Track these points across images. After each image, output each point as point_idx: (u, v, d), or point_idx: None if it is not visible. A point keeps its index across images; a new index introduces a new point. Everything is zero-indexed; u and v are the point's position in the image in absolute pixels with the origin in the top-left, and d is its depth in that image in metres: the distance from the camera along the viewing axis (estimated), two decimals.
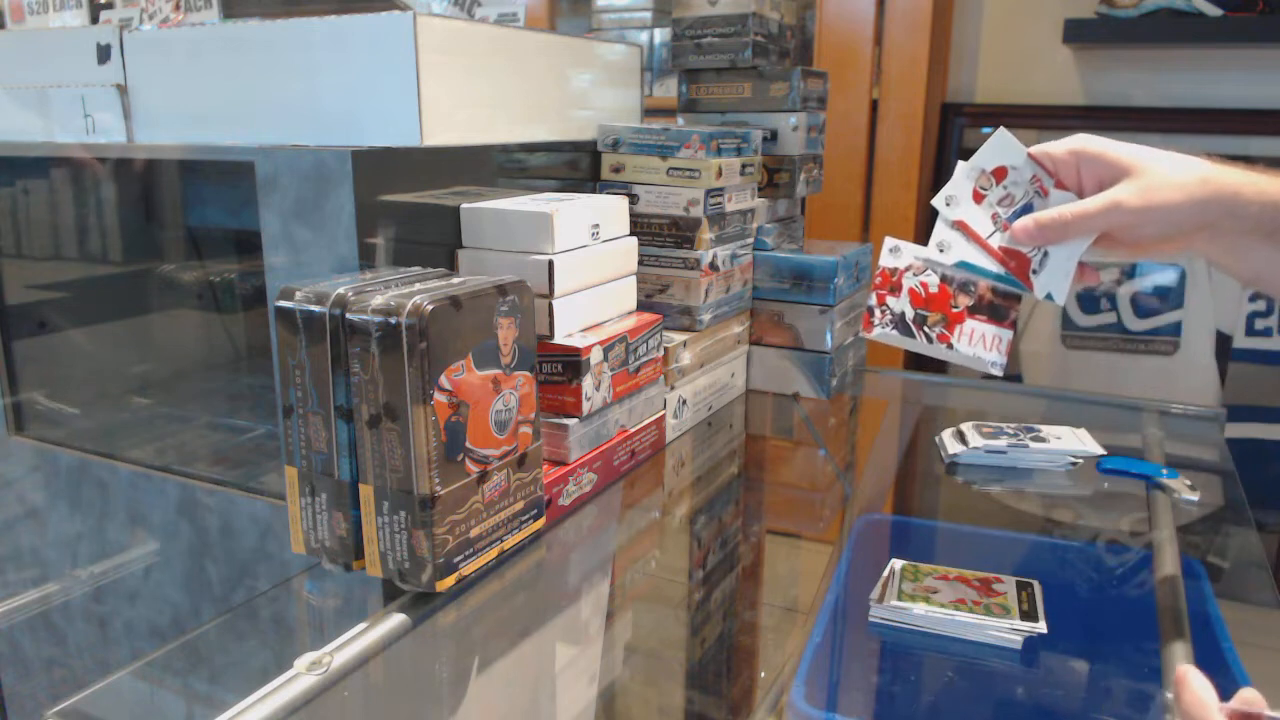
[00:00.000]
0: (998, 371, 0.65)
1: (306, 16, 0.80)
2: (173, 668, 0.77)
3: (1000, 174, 0.66)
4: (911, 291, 0.66)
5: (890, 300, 0.66)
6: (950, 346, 0.64)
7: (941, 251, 0.66)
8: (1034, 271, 0.65)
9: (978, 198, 0.66)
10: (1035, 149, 0.67)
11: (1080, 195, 0.65)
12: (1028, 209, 0.65)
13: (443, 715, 0.61)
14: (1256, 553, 0.80)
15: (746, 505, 0.96)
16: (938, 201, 0.67)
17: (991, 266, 0.66)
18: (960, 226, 0.66)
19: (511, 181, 0.91)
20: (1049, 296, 0.65)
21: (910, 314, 0.66)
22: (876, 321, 0.66)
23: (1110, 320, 1.71)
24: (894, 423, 1.19)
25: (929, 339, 0.65)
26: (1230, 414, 1.11)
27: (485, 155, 0.87)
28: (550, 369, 0.78)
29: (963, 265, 0.65)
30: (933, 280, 0.66)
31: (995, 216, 0.66)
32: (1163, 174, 0.62)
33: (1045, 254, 0.65)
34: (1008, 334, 0.66)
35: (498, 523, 0.67)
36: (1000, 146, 0.66)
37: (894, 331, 0.65)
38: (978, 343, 0.65)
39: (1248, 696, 0.48)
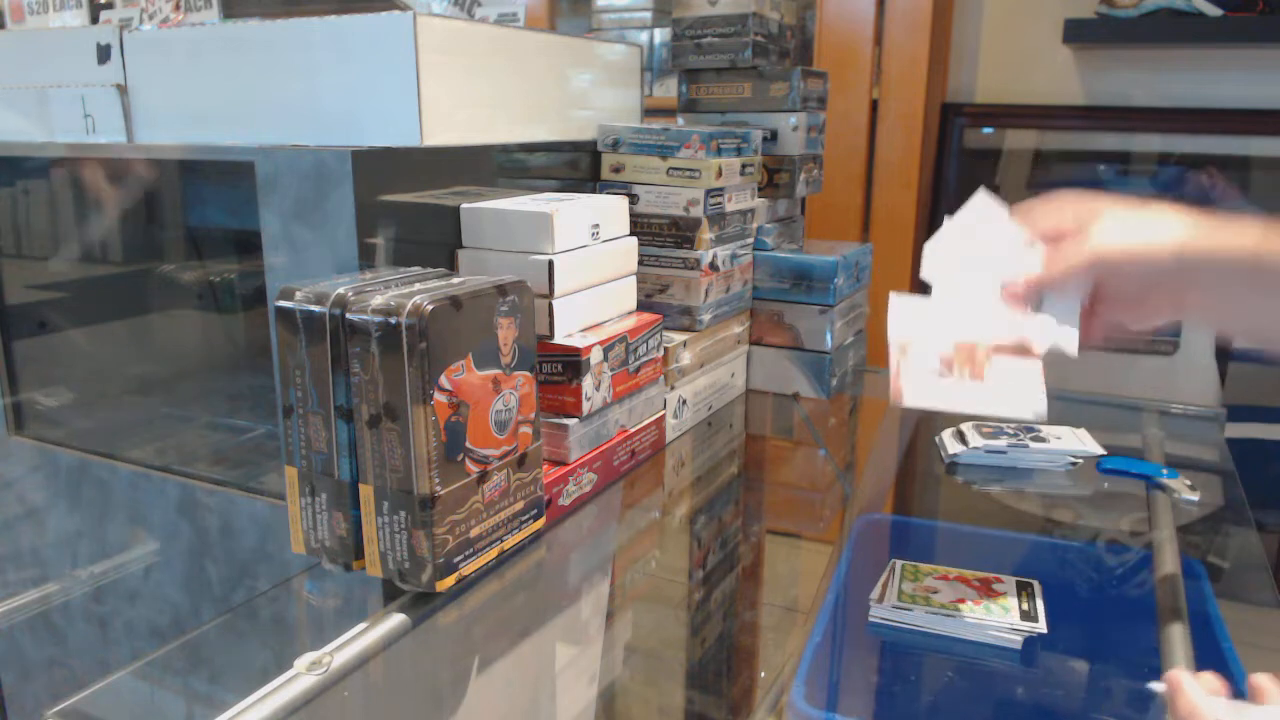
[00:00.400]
0: (1041, 411, 0.61)
1: (306, 16, 0.80)
2: (173, 668, 0.77)
3: (983, 234, 0.65)
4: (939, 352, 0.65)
5: (911, 362, 0.64)
6: (984, 380, 0.62)
7: (944, 321, 0.64)
8: (1036, 325, 0.63)
9: (967, 262, 0.65)
10: (1017, 208, 0.64)
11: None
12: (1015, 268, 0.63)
13: (443, 715, 0.61)
14: (1256, 553, 0.80)
15: (746, 505, 0.96)
16: (928, 274, 0.65)
17: (996, 329, 0.64)
18: (955, 294, 0.65)
19: (511, 181, 0.91)
20: (1058, 348, 0.63)
21: (936, 367, 0.64)
22: (906, 389, 0.63)
23: None
24: (894, 423, 1.19)
25: (960, 383, 0.62)
26: (1230, 414, 1.11)
27: (485, 155, 0.87)
28: (550, 369, 0.78)
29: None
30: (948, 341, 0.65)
31: (988, 278, 0.64)
32: (1141, 216, 0.60)
33: (1042, 307, 0.63)
34: (1038, 364, 0.63)
35: (498, 523, 0.67)
36: (981, 208, 0.65)
37: (926, 389, 0.63)
38: (1012, 378, 0.62)
39: (1259, 684, 0.47)
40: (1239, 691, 0.48)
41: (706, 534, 0.87)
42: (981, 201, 0.65)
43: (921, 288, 0.69)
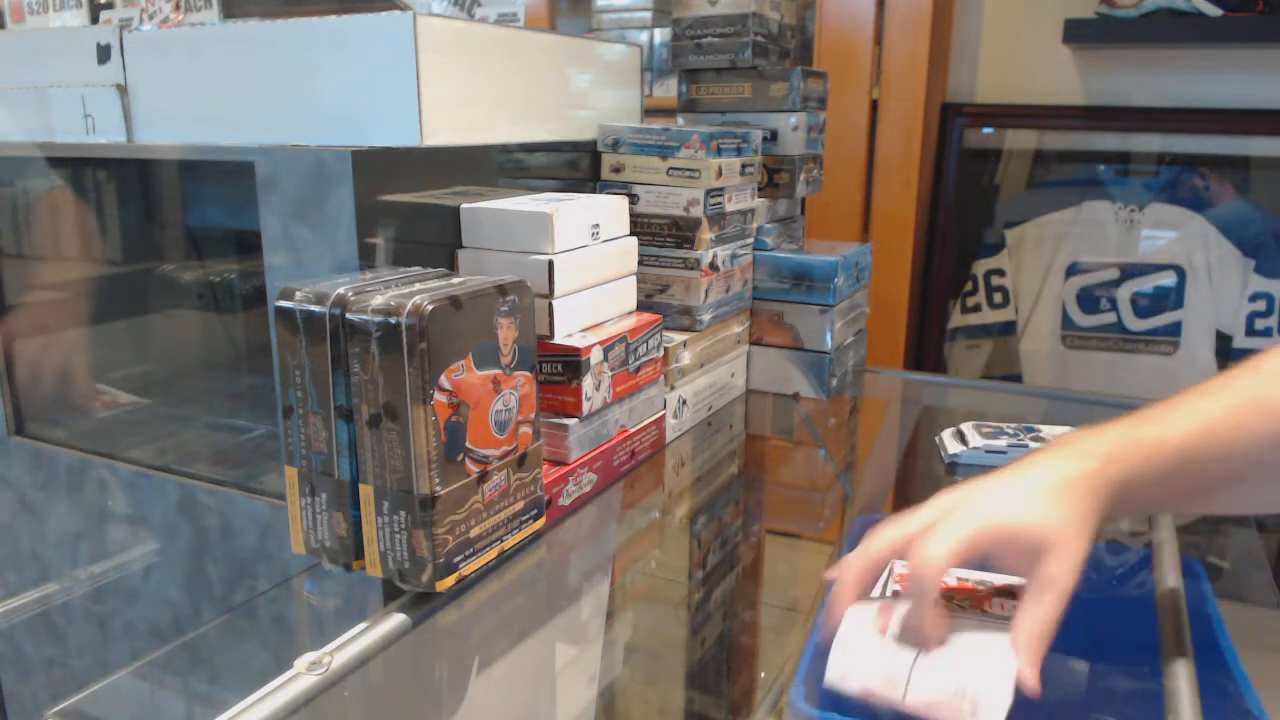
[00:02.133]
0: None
1: (306, 16, 0.80)
2: (173, 668, 0.77)
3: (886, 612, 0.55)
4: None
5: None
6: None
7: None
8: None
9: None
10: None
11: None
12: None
13: (443, 715, 0.61)
14: (1256, 553, 0.80)
15: (746, 505, 0.96)
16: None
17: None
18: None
19: (511, 181, 0.91)
20: None
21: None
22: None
23: (1110, 320, 1.71)
24: (894, 423, 1.19)
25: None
26: None
27: (485, 155, 0.87)
28: (550, 369, 0.78)
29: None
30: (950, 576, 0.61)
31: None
32: (1070, 534, 0.53)
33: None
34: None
35: (498, 523, 0.67)
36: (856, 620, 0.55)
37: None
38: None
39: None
40: (1239, 692, 0.48)
41: (706, 534, 0.87)
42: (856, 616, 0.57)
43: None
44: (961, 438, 0.96)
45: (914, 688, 0.52)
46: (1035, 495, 0.54)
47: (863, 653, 0.54)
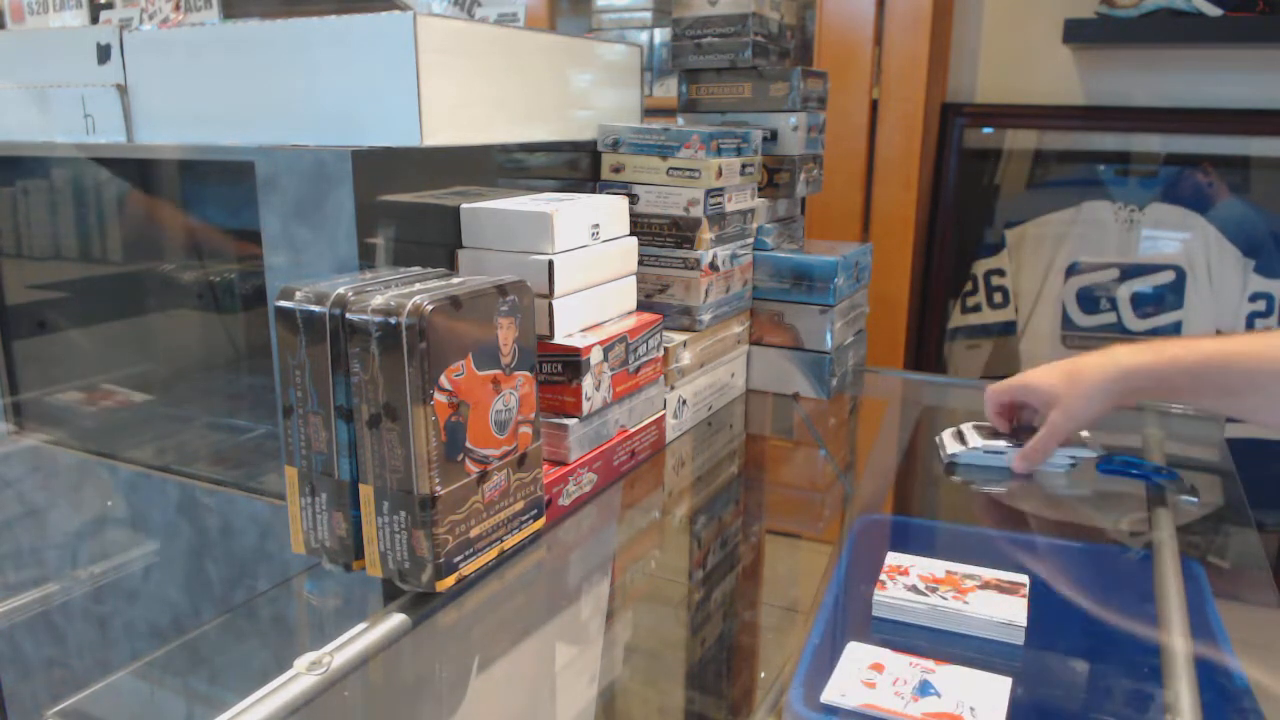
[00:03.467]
0: (1020, 631, 0.63)
1: (306, 16, 0.80)
2: (173, 668, 0.77)
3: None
4: (920, 576, 0.69)
5: (899, 577, 0.69)
6: (966, 603, 0.65)
7: None
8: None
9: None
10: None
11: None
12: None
13: (443, 715, 0.61)
14: (1256, 553, 0.80)
15: (746, 505, 0.96)
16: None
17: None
18: None
19: (511, 181, 0.91)
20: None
21: (921, 585, 0.68)
22: (889, 586, 0.68)
23: (1110, 320, 1.71)
24: (894, 423, 1.19)
25: (943, 599, 0.66)
26: None
27: (485, 155, 0.87)
28: (550, 369, 0.78)
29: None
30: (939, 568, 0.70)
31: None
32: (1072, 395, 0.86)
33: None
34: (1021, 601, 0.66)
35: (498, 523, 0.67)
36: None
37: (907, 593, 0.67)
38: (993, 605, 0.65)
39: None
40: (1239, 691, 0.48)
41: (706, 534, 0.87)
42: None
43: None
44: (961, 438, 0.96)
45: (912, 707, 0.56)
46: (1059, 371, 0.88)
47: (861, 678, 0.58)
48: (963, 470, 0.93)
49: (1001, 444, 0.92)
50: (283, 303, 0.62)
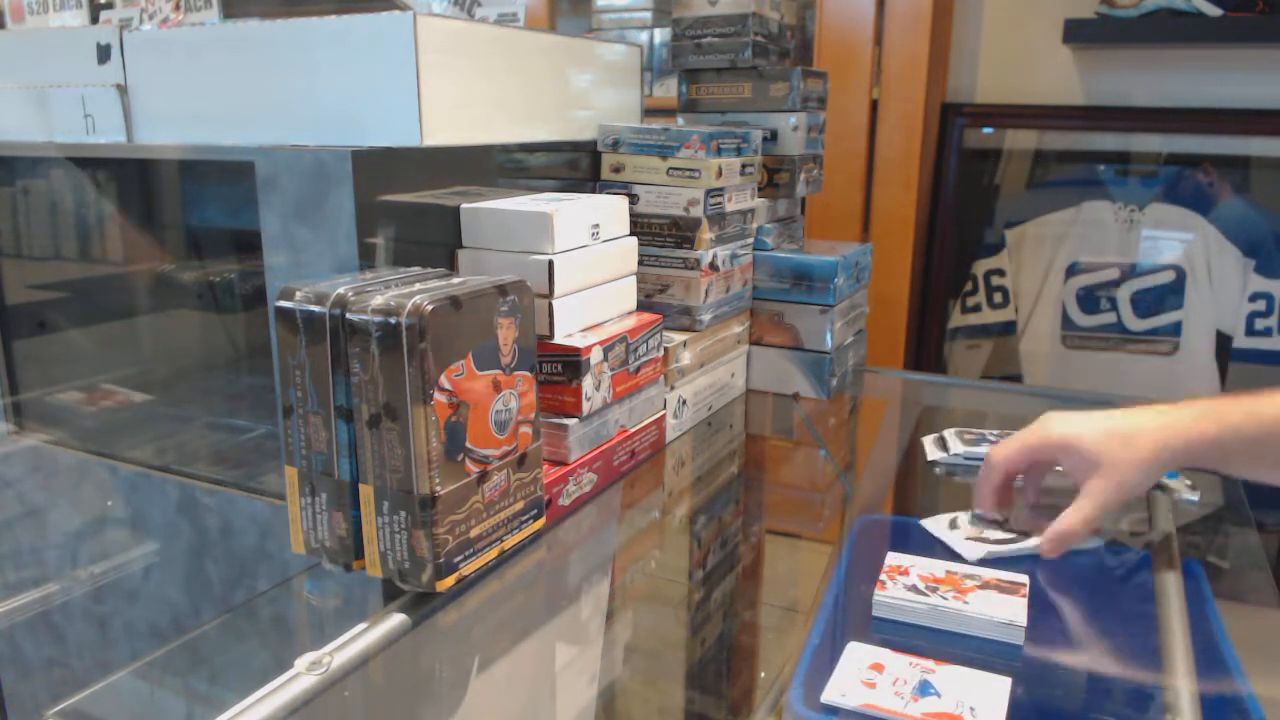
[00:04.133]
0: (1020, 631, 0.64)
1: (306, 16, 0.80)
2: (173, 668, 0.77)
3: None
4: (920, 576, 0.69)
5: (899, 577, 0.69)
6: (966, 603, 0.65)
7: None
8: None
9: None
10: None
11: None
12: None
13: (443, 715, 0.61)
14: (1256, 553, 0.80)
15: (746, 505, 0.95)
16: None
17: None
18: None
19: (511, 181, 0.91)
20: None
21: (921, 585, 0.68)
22: (889, 586, 0.68)
23: (1110, 320, 1.71)
24: (894, 423, 1.19)
25: (943, 599, 0.66)
26: None
27: (485, 155, 0.87)
28: (550, 369, 0.78)
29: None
30: (939, 568, 0.71)
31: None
32: (1125, 461, 0.71)
33: None
34: (1021, 601, 0.66)
35: (498, 523, 0.67)
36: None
37: (907, 593, 0.67)
38: (993, 605, 0.65)
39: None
40: (1239, 692, 0.48)
41: (706, 534, 0.87)
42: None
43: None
44: (943, 444, 0.96)
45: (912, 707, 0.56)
46: (1103, 431, 0.72)
47: (861, 678, 0.58)
48: (963, 471, 0.93)
49: (983, 450, 0.91)
50: (283, 303, 0.62)
